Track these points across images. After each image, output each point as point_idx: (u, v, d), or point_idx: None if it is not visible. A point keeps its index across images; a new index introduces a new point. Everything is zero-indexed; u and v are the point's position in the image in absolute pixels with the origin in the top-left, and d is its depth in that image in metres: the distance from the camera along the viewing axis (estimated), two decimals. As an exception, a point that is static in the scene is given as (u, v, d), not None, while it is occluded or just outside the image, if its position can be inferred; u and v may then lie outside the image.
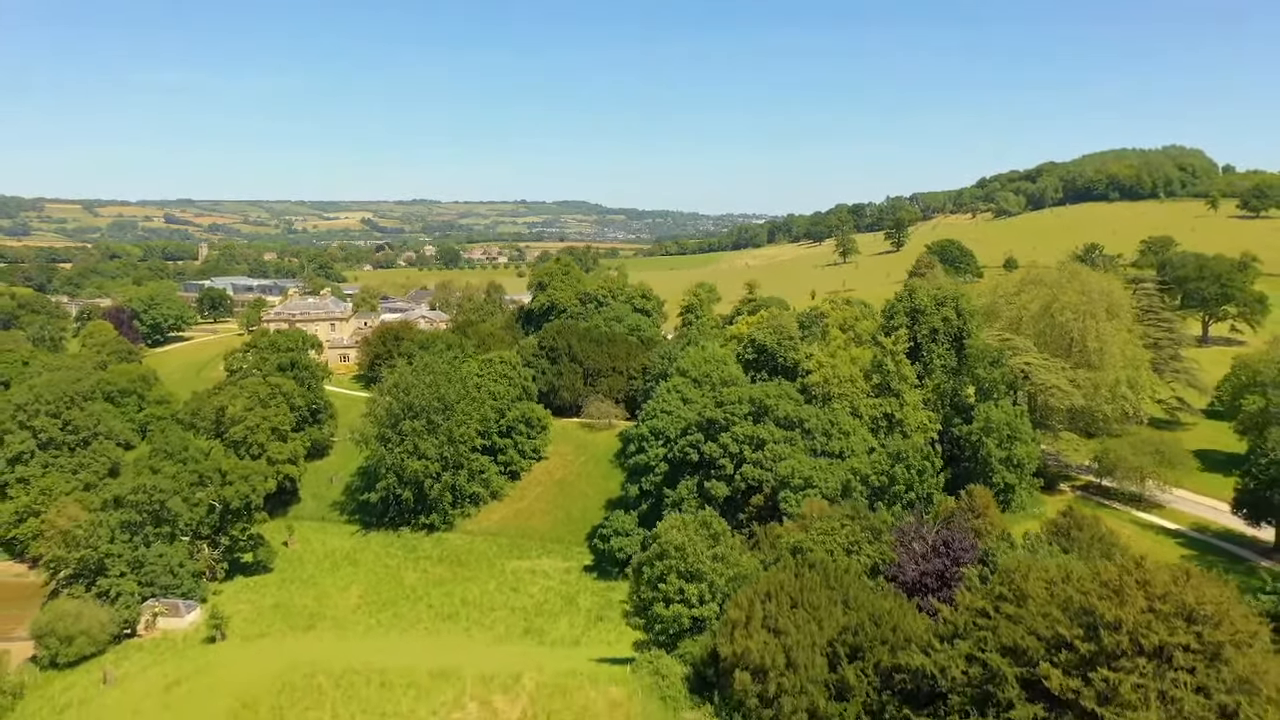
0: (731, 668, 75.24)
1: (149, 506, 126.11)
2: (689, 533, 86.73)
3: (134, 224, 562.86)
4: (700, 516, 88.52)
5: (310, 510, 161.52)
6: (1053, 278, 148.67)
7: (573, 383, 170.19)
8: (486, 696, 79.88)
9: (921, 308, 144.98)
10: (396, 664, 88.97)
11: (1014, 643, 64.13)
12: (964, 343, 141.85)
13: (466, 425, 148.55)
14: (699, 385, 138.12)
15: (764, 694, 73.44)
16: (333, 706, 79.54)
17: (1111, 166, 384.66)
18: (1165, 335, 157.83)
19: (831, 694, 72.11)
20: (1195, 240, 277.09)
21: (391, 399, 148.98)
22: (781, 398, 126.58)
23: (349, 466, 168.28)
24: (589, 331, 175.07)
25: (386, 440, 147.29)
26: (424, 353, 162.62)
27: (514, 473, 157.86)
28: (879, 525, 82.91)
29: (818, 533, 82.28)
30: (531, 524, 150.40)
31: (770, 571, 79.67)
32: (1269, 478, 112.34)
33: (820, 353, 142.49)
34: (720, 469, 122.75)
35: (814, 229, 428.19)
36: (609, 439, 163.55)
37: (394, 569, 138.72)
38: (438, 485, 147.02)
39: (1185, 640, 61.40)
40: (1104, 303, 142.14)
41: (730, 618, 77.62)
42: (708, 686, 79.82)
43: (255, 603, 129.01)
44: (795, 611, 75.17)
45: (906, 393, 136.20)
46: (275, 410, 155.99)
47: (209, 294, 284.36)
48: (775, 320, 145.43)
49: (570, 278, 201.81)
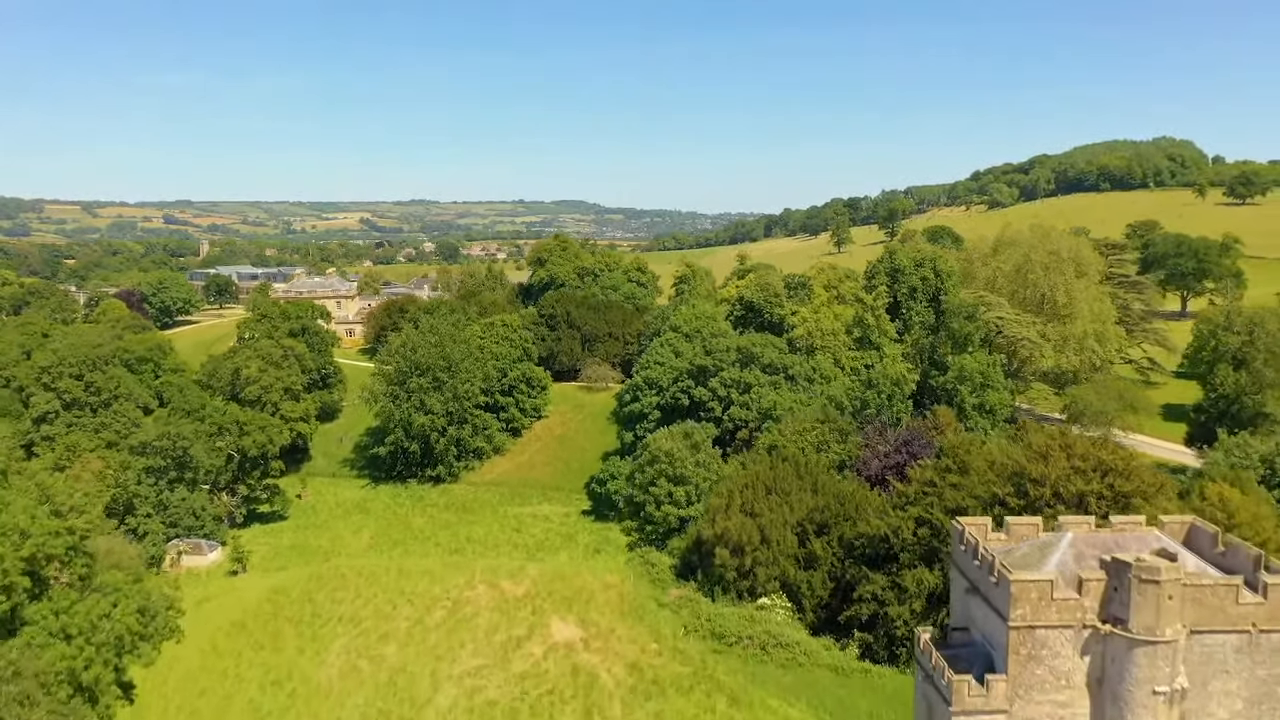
0: (713, 547, 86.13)
1: (173, 453, 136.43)
2: (675, 442, 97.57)
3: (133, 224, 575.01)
4: (683, 427, 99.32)
5: (321, 467, 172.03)
6: (1025, 239, 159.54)
7: (571, 348, 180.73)
8: (494, 580, 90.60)
9: (901, 267, 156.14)
10: (413, 564, 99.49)
11: (957, 504, 75.12)
12: (941, 300, 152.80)
13: (470, 383, 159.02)
14: (690, 340, 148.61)
15: (741, 567, 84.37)
16: (356, 588, 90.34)
17: (1103, 158, 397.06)
18: (1135, 297, 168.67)
19: (800, 564, 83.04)
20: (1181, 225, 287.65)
21: (400, 358, 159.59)
22: (767, 346, 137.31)
23: (358, 427, 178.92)
24: (586, 299, 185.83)
25: (395, 397, 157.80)
26: (429, 317, 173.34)
27: (515, 429, 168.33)
28: (846, 428, 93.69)
29: (791, 433, 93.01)
30: (532, 475, 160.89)
31: (748, 466, 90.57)
32: (1217, 411, 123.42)
33: (805, 310, 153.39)
34: (710, 411, 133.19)
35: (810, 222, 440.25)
36: (606, 399, 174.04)
37: (403, 515, 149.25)
38: (443, 439, 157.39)
39: (1099, 489, 72.72)
40: (1073, 262, 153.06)
41: (712, 505, 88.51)
42: (692, 571, 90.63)
43: (273, 544, 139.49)
44: (770, 497, 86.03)
45: (886, 346, 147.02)
46: (287, 371, 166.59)
47: (215, 280, 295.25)
48: (763, 279, 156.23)
49: (568, 254, 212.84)
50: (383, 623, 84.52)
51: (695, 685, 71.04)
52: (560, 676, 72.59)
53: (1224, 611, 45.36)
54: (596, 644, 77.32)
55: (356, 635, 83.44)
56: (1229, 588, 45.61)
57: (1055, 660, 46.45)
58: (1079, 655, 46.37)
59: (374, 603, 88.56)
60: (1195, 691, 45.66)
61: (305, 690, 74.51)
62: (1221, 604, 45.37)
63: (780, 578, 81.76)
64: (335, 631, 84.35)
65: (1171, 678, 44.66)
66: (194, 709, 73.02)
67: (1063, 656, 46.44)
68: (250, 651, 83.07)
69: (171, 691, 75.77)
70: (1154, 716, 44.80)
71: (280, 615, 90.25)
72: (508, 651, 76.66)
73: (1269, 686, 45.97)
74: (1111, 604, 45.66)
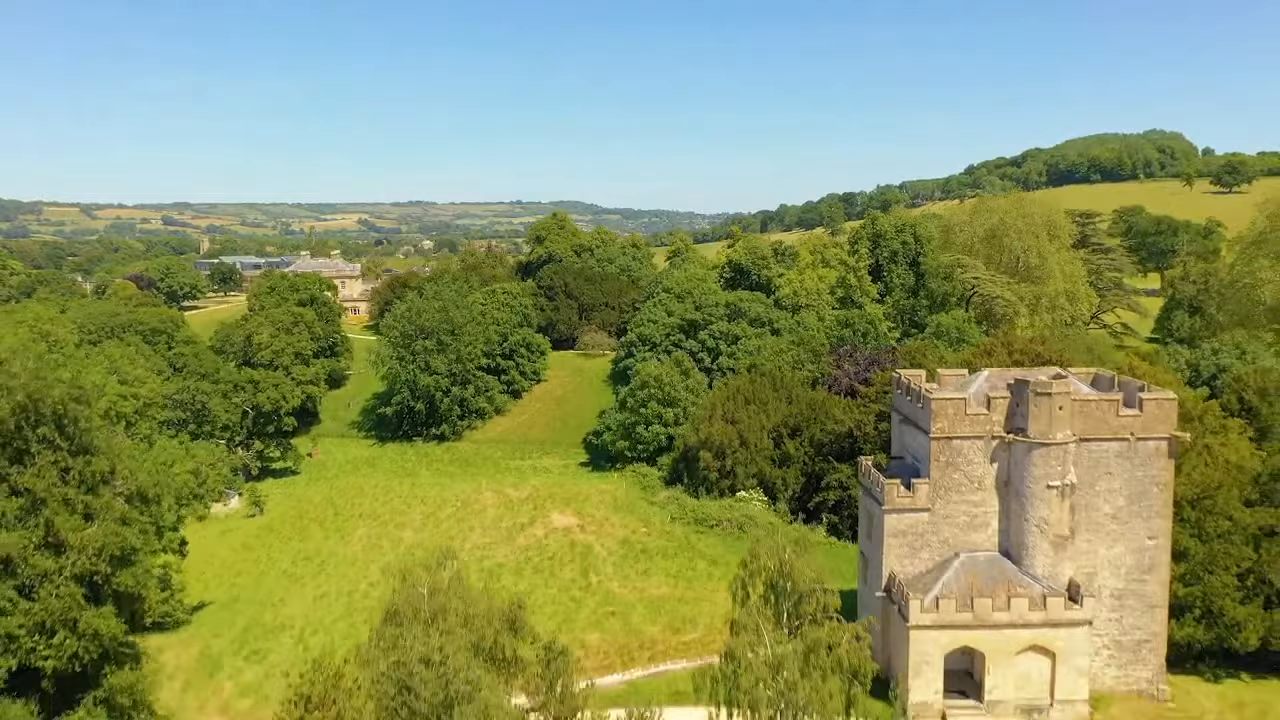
0: (697, 452, 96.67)
1: (192, 405, 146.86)
2: (666, 368, 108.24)
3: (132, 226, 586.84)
4: (674, 356, 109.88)
5: (330, 429, 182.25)
6: (1000, 205, 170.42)
7: (569, 317, 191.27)
8: (500, 489, 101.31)
9: (882, 232, 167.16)
10: (424, 480, 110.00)
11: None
12: (921, 264, 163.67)
13: (473, 345, 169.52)
14: (681, 300, 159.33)
15: (722, 468, 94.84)
16: (373, 495, 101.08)
17: (1094, 150, 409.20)
18: (1106, 261, 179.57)
19: (776, 463, 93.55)
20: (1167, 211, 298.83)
21: (405, 321, 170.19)
22: (754, 302, 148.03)
23: (365, 393, 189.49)
24: (583, 270, 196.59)
25: (400, 358, 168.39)
26: (433, 284, 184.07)
27: (516, 391, 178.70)
28: (819, 349, 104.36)
29: (770, 353, 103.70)
30: (532, 433, 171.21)
31: (730, 383, 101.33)
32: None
33: (791, 273, 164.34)
34: (700, 361, 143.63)
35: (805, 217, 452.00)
36: (603, 364, 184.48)
37: (409, 469, 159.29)
38: (447, 399, 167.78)
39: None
40: (1045, 225, 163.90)
41: (697, 416, 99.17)
42: (679, 478, 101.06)
43: (287, 494, 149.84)
44: (749, 406, 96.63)
45: (868, 305, 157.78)
46: (298, 336, 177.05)
47: (219, 268, 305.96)
48: (751, 244, 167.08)
49: (565, 231, 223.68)
50: (398, 516, 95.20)
51: (679, 553, 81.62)
52: (560, 548, 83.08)
53: (1107, 423, 56.04)
54: (592, 528, 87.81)
55: (375, 525, 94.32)
56: (1110, 402, 56.32)
57: (969, 466, 57.11)
58: (989, 462, 57.04)
59: (390, 504, 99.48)
60: (1084, 489, 56.30)
61: (333, 561, 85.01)
62: (1104, 417, 56.05)
63: (758, 475, 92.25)
64: (356, 524, 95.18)
65: (1063, 475, 55.28)
66: (233, 584, 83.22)
67: (975, 463, 57.10)
68: (280, 543, 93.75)
69: (211, 574, 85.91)
70: (1049, 507, 55.40)
71: (305, 517, 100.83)
72: (512, 533, 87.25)
73: (1144, 485, 56.65)
74: (1014, 417, 56.36)
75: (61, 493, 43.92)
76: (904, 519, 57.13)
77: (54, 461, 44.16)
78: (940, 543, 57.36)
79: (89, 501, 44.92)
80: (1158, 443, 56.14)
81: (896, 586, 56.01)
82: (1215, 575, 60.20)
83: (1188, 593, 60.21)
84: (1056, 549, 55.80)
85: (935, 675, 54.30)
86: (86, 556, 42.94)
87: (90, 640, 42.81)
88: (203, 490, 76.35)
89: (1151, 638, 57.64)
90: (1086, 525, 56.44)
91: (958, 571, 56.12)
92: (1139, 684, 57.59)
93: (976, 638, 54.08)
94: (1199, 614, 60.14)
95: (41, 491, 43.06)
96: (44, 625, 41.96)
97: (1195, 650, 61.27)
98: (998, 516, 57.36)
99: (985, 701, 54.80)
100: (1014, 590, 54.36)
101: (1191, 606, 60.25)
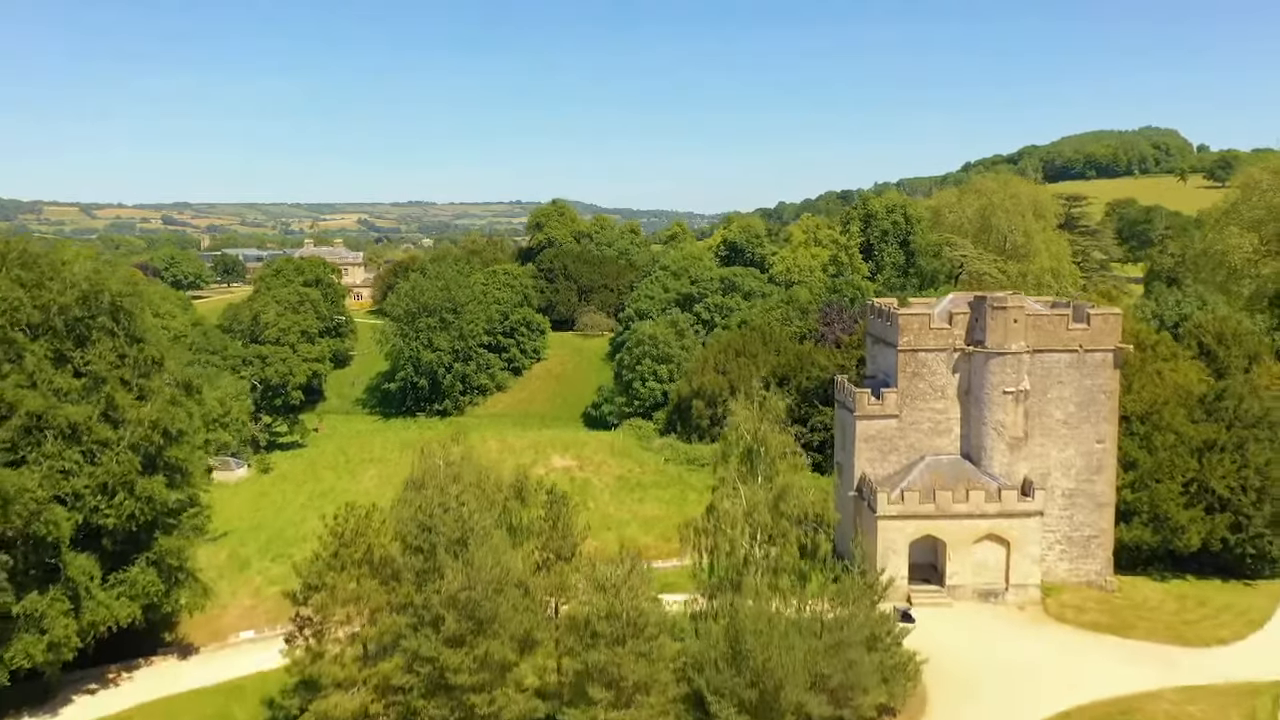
0: (690, 401, 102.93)
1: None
2: (660, 327, 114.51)
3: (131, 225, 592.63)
4: (669, 316, 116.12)
5: (336, 406, 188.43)
6: (988, 186, 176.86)
7: (568, 298, 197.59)
8: (502, 439, 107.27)
9: (874, 212, 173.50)
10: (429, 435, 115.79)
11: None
12: (911, 243, 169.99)
13: (475, 323, 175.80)
14: (678, 277, 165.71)
15: (714, 415, 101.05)
16: (381, 448, 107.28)
17: (1089, 147, 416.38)
18: (1093, 243, 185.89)
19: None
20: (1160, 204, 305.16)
21: (409, 300, 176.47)
22: (748, 276, 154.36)
23: (368, 372, 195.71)
24: (582, 254, 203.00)
25: (404, 335, 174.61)
26: (436, 264, 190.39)
27: (517, 369, 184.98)
28: (806, 306, 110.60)
29: (760, 310, 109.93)
30: (533, 408, 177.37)
31: (721, 337, 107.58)
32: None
33: (784, 251, 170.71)
34: (696, 333, 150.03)
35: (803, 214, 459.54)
36: (601, 344, 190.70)
37: (413, 441, 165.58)
38: (449, 375, 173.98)
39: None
40: (1031, 205, 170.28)
41: (690, 368, 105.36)
42: (673, 428, 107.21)
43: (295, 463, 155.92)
44: (739, 358, 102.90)
45: (860, 283, 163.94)
46: (304, 315, 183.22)
47: (223, 259, 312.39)
48: (745, 223, 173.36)
49: (565, 218, 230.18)
50: (407, 460, 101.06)
51: (671, 485, 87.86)
52: (559, 482, 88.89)
53: (1058, 336, 62.26)
54: (590, 468, 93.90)
55: (385, 467, 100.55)
56: (1060, 317, 62.58)
57: (933, 376, 63.33)
58: (951, 372, 63.26)
59: (398, 451, 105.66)
60: (1037, 397, 62.46)
61: (346, 497, 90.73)
62: (1055, 330, 62.28)
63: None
64: (366, 467, 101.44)
65: (1017, 382, 61.45)
66: (253, 516, 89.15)
67: (939, 374, 63.32)
68: (293, 487, 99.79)
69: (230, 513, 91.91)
70: (1005, 412, 61.58)
71: (318, 464, 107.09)
72: (515, 472, 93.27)
73: (1093, 393, 62.80)
74: (974, 331, 62.57)
75: (119, 374, 50.01)
76: (874, 425, 63.25)
77: (112, 347, 50.26)
78: (907, 447, 63.47)
79: (143, 384, 51.01)
80: (1104, 354, 62.26)
81: (867, 485, 62.09)
82: (1162, 483, 66.25)
83: (1136, 498, 66.27)
84: (1012, 450, 61.90)
85: (901, 562, 60.30)
86: (142, 429, 48.97)
87: (145, 502, 48.81)
88: (228, 419, 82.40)
89: (1100, 534, 63.70)
90: (1040, 430, 62.53)
91: (922, 471, 62.20)
92: (1089, 576, 63.61)
93: (938, 527, 60.13)
94: (1146, 518, 66.18)
95: (102, 371, 49.10)
96: (106, 486, 47.93)
97: (1144, 555, 67.29)
98: (959, 423, 63.48)
99: (946, 586, 60.82)
100: (973, 485, 60.48)
101: (1140, 511, 66.30)
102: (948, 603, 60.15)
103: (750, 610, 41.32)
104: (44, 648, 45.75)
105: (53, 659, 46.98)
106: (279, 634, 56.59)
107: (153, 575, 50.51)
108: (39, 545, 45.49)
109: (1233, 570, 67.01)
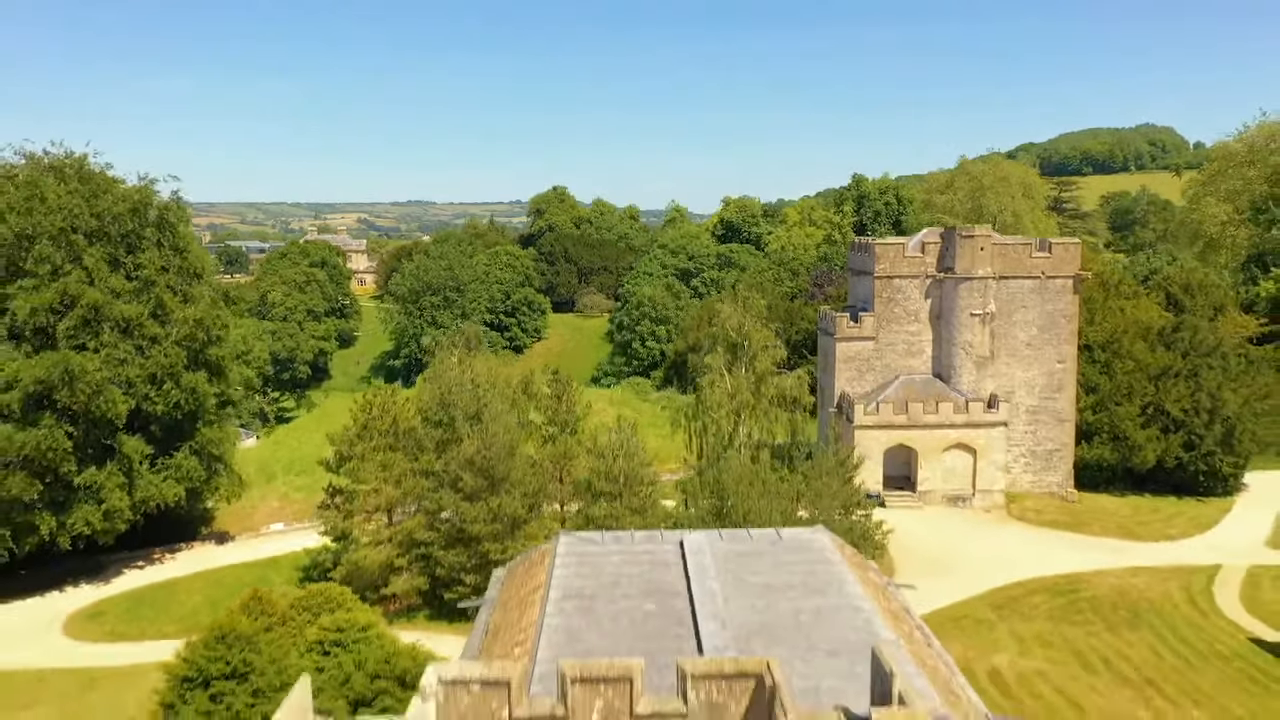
0: (685, 356, 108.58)
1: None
2: (657, 290, 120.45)
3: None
4: (665, 281, 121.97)
5: (341, 384, 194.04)
6: (979, 169, 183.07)
7: (568, 280, 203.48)
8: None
9: (866, 194, 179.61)
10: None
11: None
12: (903, 224, 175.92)
13: (477, 302, 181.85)
14: (675, 255, 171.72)
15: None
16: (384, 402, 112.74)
17: (1086, 144, 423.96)
18: (1081, 225, 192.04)
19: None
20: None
21: (412, 279, 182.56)
22: (744, 252, 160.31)
23: (373, 352, 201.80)
24: (582, 236, 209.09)
25: (408, 313, 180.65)
26: (439, 245, 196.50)
27: (518, 348, 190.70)
28: (797, 269, 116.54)
29: (754, 271, 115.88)
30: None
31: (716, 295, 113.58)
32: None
33: (780, 230, 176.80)
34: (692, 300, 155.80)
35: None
36: (601, 324, 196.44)
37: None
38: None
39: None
40: (1021, 187, 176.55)
41: (686, 325, 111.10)
42: (670, 384, 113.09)
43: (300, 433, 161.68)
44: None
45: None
46: (310, 295, 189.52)
47: (226, 251, 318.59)
48: (741, 203, 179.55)
49: (565, 204, 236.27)
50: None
51: (667, 425, 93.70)
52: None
53: (1022, 263, 68.24)
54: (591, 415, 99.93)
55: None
56: (1025, 245, 68.60)
57: (907, 302, 69.27)
58: (924, 298, 69.21)
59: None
60: (1003, 319, 68.42)
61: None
62: (1020, 258, 68.26)
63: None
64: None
65: (984, 305, 67.41)
66: (271, 457, 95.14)
67: (912, 299, 69.26)
68: (306, 434, 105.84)
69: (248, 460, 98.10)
70: (972, 332, 67.52)
71: (329, 417, 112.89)
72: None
73: (1054, 317, 68.76)
74: (945, 259, 68.57)
75: (166, 279, 55.96)
76: (852, 346, 69.20)
77: (159, 255, 56.21)
78: (883, 366, 69.41)
79: (187, 290, 57.00)
80: (1065, 280, 68.25)
81: (845, 400, 67.98)
82: (1121, 406, 72.17)
83: (1097, 419, 72.18)
84: (979, 368, 67.84)
85: (876, 468, 66.13)
86: (187, 327, 54.88)
87: (189, 393, 54.68)
88: (250, 357, 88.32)
89: (1061, 448, 69.62)
90: (1005, 350, 68.48)
91: (897, 388, 68.11)
92: (1051, 487, 69.51)
93: (910, 436, 66.02)
94: (1107, 438, 72.07)
95: (151, 275, 55.06)
96: (154, 376, 53.78)
97: (1105, 474, 73.16)
98: (931, 344, 69.44)
99: (918, 492, 66.68)
100: (942, 398, 66.39)
101: (1100, 431, 72.20)
102: (919, 506, 65.99)
103: (734, 469, 47.19)
104: (100, 516, 51.55)
105: (108, 527, 52.80)
106: (307, 527, 62.64)
107: (195, 462, 56.39)
108: (97, 424, 51.33)
109: (1187, 489, 72.81)
